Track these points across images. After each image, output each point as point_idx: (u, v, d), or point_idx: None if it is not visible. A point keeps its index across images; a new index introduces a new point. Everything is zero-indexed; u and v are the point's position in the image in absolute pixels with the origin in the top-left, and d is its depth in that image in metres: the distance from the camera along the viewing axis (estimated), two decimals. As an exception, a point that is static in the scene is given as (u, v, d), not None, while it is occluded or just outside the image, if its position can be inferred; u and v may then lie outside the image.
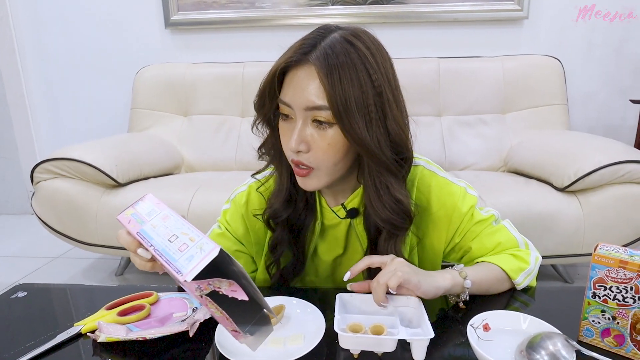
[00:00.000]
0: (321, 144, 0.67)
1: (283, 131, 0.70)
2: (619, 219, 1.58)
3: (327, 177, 0.70)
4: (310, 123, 0.66)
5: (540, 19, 2.34)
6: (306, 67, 0.65)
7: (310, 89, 0.64)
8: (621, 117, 2.44)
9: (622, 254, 0.59)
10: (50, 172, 1.78)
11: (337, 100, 0.62)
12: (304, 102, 0.65)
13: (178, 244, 0.53)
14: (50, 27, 2.61)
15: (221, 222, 0.87)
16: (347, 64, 0.63)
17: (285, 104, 0.67)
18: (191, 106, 2.35)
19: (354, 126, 0.64)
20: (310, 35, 0.67)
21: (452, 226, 0.79)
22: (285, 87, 0.67)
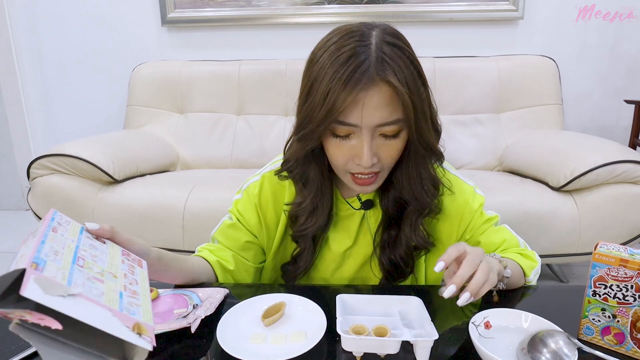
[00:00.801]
0: (390, 153, 0.68)
1: (337, 149, 0.69)
2: (614, 218, 1.59)
3: (386, 174, 0.73)
4: (378, 137, 0.67)
5: (535, 19, 2.36)
6: (375, 85, 0.62)
7: (385, 105, 0.63)
8: (615, 118, 2.46)
9: (623, 252, 0.60)
10: (47, 168, 1.77)
11: (411, 113, 0.64)
12: (376, 121, 0.64)
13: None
14: (47, 24, 2.58)
15: (233, 213, 0.87)
16: (407, 70, 0.63)
17: (349, 125, 0.64)
18: (187, 104, 2.34)
19: (424, 131, 0.67)
20: (351, 45, 0.63)
21: (463, 222, 0.81)
22: (348, 109, 0.63)
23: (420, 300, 0.65)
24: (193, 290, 0.74)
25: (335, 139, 0.68)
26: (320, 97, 0.63)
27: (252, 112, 2.31)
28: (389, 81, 0.61)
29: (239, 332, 0.62)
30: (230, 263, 0.83)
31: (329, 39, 0.66)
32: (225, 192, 0.92)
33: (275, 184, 0.83)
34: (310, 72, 0.67)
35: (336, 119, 0.64)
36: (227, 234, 0.85)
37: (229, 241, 0.85)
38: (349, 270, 0.86)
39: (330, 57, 0.63)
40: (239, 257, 0.84)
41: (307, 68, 0.69)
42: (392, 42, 0.64)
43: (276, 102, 2.26)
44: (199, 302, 0.69)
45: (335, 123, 0.65)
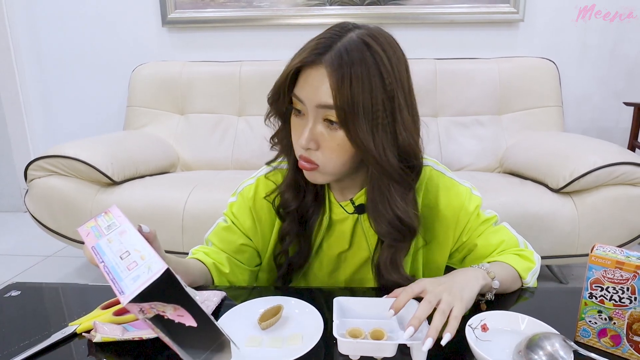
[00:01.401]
0: (330, 144, 0.67)
1: (295, 126, 0.71)
2: (613, 220, 1.59)
3: (331, 175, 0.71)
4: (322, 121, 0.67)
5: (536, 22, 2.36)
6: (319, 68, 0.64)
7: (323, 88, 0.64)
8: (615, 119, 2.45)
9: (619, 254, 0.59)
10: (45, 170, 1.77)
11: (343, 103, 0.62)
12: (315, 100, 0.65)
13: (128, 262, 0.50)
14: (46, 24, 2.59)
15: (227, 215, 0.87)
16: (361, 67, 0.63)
17: (298, 99, 0.67)
18: (188, 105, 2.34)
19: (358, 130, 0.64)
20: (326, 35, 0.66)
21: (459, 225, 0.80)
22: (299, 84, 0.67)
23: (417, 303, 0.65)
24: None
25: (295, 118, 0.70)
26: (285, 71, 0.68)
27: (253, 113, 2.31)
28: (329, 67, 0.63)
29: (235, 335, 0.62)
30: (225, 266, 0.83)
31: None
32: (226, 194, 0.92)
33: (271, 187, 0.83)
34: None
35: (291, 91, 0.68)
36: (221, 236, 0.85)
37: (224, 244, 0.85)
38: (345, 273, 0.86)
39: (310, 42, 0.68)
40: (234, 260, 0.84)
41: None
42: (365, 41, 0.64)
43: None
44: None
45: (292, 96, 0.68)
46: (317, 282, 0.88)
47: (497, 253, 0.80)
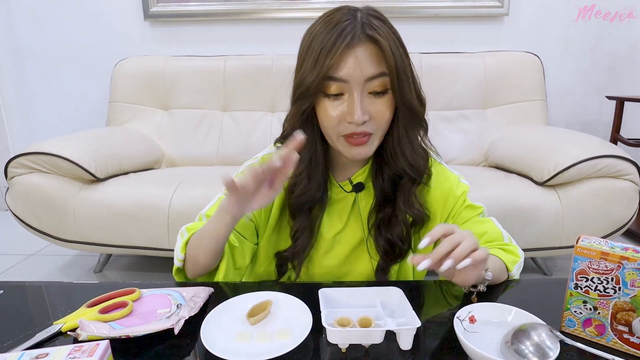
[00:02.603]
0: (380, 109, 0.72)
1: (330, 110, 0.72)
2: (596, 212, 1.62)
3: (379, 140, 0.76)
4: (367, 95, 0.71)
5: (520, 16, 2.38)
6: (363, 42, 0.69)
7: (372, 59, 0.69)
8: (597, 113, 2.50)
9: (603, 245, 0.60)
10: (26, 167, 1.73)
11: (394, 69, 0.69)
12: (365, 74, 0.69)
13: None
14: (24, 18, 2.52)
15: None
16: (393, 37, 0.71)
17: (339, 80, 0.70)
18: (171, 100, 2.31)
19: (406, 90, 0.72)
20: (338, 18, 0.71)
21: (447, 207, 0.84)
22: (338, 65, 0.69)
23: (401, 291, 0.66)
24: (177, 289, 0.73)
25: (327, 100, 0.72)
26: (313, 59, 0.70)
27: (238, 109, 2.29)
28: (374, 37, 0.69)
29: (223, 331, 0.62)
30: (234, 240, 0.82)
31: (319, 17, 0.75)
32: (212, 190, 0.91)
33: None
34: (303, 44, 0.74)
35: (327, 75, 0.70)
36: None
37: None
38: (340, 254, 0.87)
39: (321, 27, 0.71)
40: (238, 235, 0.84)
41: (302, 44, 0.75)
42: (376, 15, 0.72)
43: (262, 98, 2.25)
44: (182, 302, 0.68)
45: (326, 80, 0.70)
46: (311, 265, 0.88)
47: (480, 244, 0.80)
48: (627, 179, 1.61)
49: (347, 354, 0.58)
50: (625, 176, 1.60)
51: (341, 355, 0.58)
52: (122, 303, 0.68)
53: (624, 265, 0.58)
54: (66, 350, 0.51)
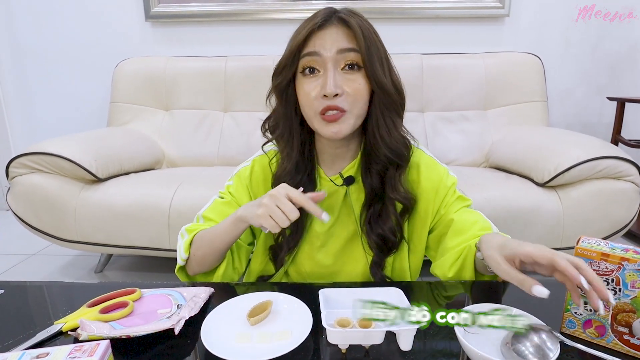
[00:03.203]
0: (353, 86, 0.75)
1: (306, 85, 0.76)
2: (596, 213, 1.62)
3: (354, 120, 0.77)
4: (340, 70, 0.75)
5: (521, 17, 2.38)
6: (334, 22, 0.75)
7: (342, 36, 0.74)
8: (598, 114, 2.49)
9: (604, 246, 0.60)
10: (27, 167, 1.73)
11: (364, 45, 0.73)
12: (336, 45, 0.73)
13: None
14: (26, 19, 2.53)
15: (225, 195, 0.90)
16: (366, 24, 0.76)
17: (313, 54, 0.74)
18: (172, 100, 2.32)
19: (377, 70, 0.75)
20: (319, 13, 0.76)
21: (438, 198, 0.85)
22: (311, 44, 0.74)
23: (400, 291, 0.66)
24: (177, 289, 0.73)
25: (304, 78, 0.77)
26: (289, 44, 0.77)
27: (239, 109, 2.29)
28: (345, 20, 0.74)
29: (224, 331, 0.62)
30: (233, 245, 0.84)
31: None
32: (212, 190, 0.92)
33: (265, 167, 0.89)
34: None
35: (300, 52, 0.75)
36: (220, 211, 0.87)
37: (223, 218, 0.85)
38: (334, 248, 0.88)
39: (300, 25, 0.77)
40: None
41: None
42: (354, 13, 0.77)
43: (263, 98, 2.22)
44: (183, 302, 0.68)
45: (301, 58, 0.75)
46: (306, 259, 0.89)
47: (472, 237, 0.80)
48: (628, 180, 1.60)
49: (347, 354, 0.59)
50: (626, 177, 1.60)
51: (341, 356, 0.58)
52: (122, 303, 0.69)
53: (625, 266, 0.58)
54: (66, 350, 0.51)
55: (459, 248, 0.79)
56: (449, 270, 0.80)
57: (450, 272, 0.79)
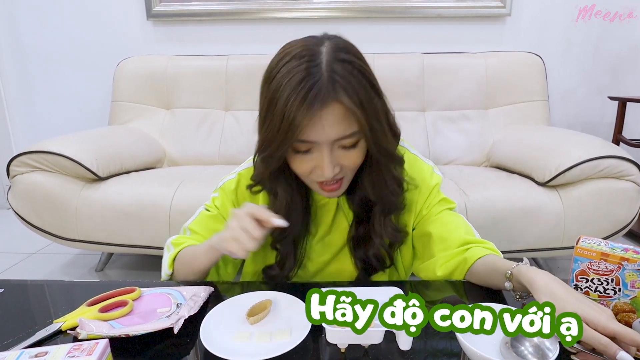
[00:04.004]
0: (351, 159, 0.71)
1: (300, 163, 0.71)
2: (597, 212, 1.61)
3: (350, 179, 0.75)
4: (337, 148, 0.69)
5: (523, 16, 2.38)
6: (328, 104, 0.63)
7: (339, 121, 0.65)
8: (599, 114, 2.49)
9: (604, 246, 0.60)
10: (28, 166, 1.73)
11: (367, 120, 0.65)
12: (334, 135, 0.66)
13: None
14: (28, 18, 2.53)
15: (210, 207, 0.88)
16: (359, 87, 0.64)
17: (307, 142, 0.67)
18: (174, 99, 2.32)
19: (382, 141, 0.69)
20: (302, 65, 0.64)
21: (421, 197, 0.84)
22: (305, 128, 0.64)
23: (400, 290, 0.66)
24: (177, 288, 0.73)
25: (296, 154, 0.70)
26: (278, 119, 0.64)
27: (240, 108, 2.29)
28: (342, 101, 0.63)
29: (223, 330, 0.62)
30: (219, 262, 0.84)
31: (281, 58, 0.67)
32: (213, 189, 0.93)
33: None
34: (266, 93, 0.68)
35: (295, 138, 0.66)
36: (206, 225, 0.86)
37: (211, 232, 0.85)
38: (326, 256, 0.88)
39: (284, 78, 0.64)
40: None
41: (263, 88, 0.70)
42: (342, 59, 0.65)
43: (264, 97, 2.24)
44: (182, 301, 0.68)
45: (295, 142, 0.67)
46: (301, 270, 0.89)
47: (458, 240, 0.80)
48: (629, 179, 1.60)
49: (346, 354, 0.58)
50: (627, 177, 1.60)
51: (340, 355, 0.58)
52: (122, 302, 0.69)
53: (624, 266, 0.58)
54: (65, 349, 0.51)
55: (447, 253, 0.79)
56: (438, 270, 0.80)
57: (439, 271, 0.79)
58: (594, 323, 0.53)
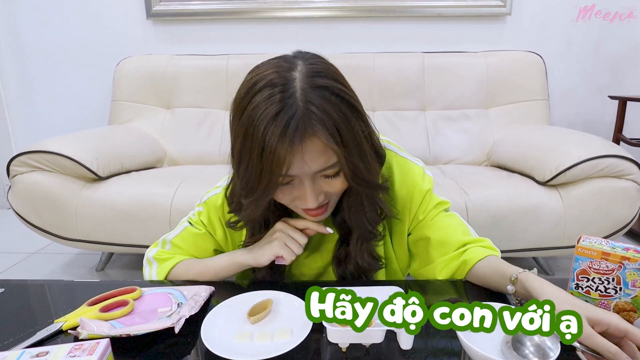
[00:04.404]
0: (335, 187, 0.68)
1: (283, 193, 0.69)
2: (598, 212, 1.61)
3: (335, 202, 0.74)
4: (319, 178, 0.67)
5: (523, 15, 2.37)
6: (306, 139, 0.60)
7: (319, 155, 0.62)
8: (600, 113, 2.49)
9: (604, 245, 0.60)
10: (28, 165, 1.73)
11: (343, 158, 0.62)
12: (314, 169, 0.64)
13: None
14: (28, 18, 2.53)
15: (197, 224, 0.87)
16: (337, 114, 0.61)
17: (290, 176, 0.65)
18: (174, 99, 2.32)
19: (361, 171, 0.65)
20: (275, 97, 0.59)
21: (414, 202, 0.81)
22: (283, 166, 0.61)
23: (401, 289, 0.66)
24: (178, 288, 0.73)
25: (281, 186, 0.68)
26: (257, 158, 0.61)
27: (240, 108, 2.28)
28: (319, 136, 0.60)
29: (224, 330, 0.62)
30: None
31: (251, 87, 0.63)
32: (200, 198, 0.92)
33: None
34: (238, 127, 0.65)
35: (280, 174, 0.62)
36: (195, 244, 0.86)
37: (199, 251, 0.86)
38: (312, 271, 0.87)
39: (257, 110, 0.60)
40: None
41: (233, 120, 0.67)
42: (317, 85, 0.61)
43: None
44: (183, 301, 0.68)
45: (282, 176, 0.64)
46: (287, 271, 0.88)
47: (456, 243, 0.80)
48: (630, 179, 1.60)
49: (347, 353, 0.59)
50: (627, 176, 1.60)
51: (341, 355, 0.58)
52: (123, 302, 0.69)
53: (625, 265, 0.58)
54: (66, 349, 0.51)
55: (446, 257, 0.79)
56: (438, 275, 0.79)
57: (439, 277, 0.79)
58: (606, 322, 0.53)
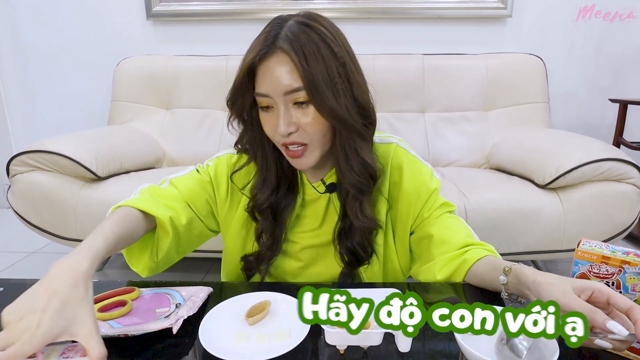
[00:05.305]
0: (306, 121, 0.71)
1: (265, 121, 0.74)
2: (598, 215, 1.61)
3: (318, 150, 0.75)
4: (292, 106, 0.71)
5: (524, 18, 2.38)
6: (275, 56, 0.68)
7: (285, 73, 0.68)
8: (600, 116, 2.49)
9: (604, 249, 0.60)
10: (27, 165, 1.73)
11: (307, 81, 0.67)
12: (282, 88, 0.69)
13: None
14: (28, 18, 2.53)
15: (204, 173, 0.88)
16: (310, 45, 0.68)
17: (263, 95, 0.71)
18: (173, 99, 2.32)
19: (325, 101, 0.69)
20: (267, 28, 0.71)
21: (420, 200, 0.83)
22: (260, 80, 0.71)
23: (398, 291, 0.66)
24: (176, 288, 0.73)
25: (263, 113, 0.74)
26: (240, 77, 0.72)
27: (240, 108, 2.28)
28: (285, 50, 0.67)
29: (222, 331, 0.62)
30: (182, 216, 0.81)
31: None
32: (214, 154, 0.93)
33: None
34: None
35: (254, 90, 0.72)
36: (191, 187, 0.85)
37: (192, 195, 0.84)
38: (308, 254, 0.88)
39: (249, 47, 0.72)
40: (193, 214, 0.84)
41: None
42: (303, 22, 0.70)
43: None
44: (181, 301, 0.68)
45: (256, 95, 0.72)
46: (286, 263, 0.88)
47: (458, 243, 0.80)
48: (630, 182, 1.60)
49: (345, 355, 0.58)
50: (627, 180, 1.60)
51: (339, 357, 0.58)
52: (121, 302, 0.68)
53: (625, 269, 0.57)
54: (59, 350, 0.50)
55: (447, 255, 0.79)
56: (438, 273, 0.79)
57: (439, 275, 0.79)
58: (591, 286, 0.55)
